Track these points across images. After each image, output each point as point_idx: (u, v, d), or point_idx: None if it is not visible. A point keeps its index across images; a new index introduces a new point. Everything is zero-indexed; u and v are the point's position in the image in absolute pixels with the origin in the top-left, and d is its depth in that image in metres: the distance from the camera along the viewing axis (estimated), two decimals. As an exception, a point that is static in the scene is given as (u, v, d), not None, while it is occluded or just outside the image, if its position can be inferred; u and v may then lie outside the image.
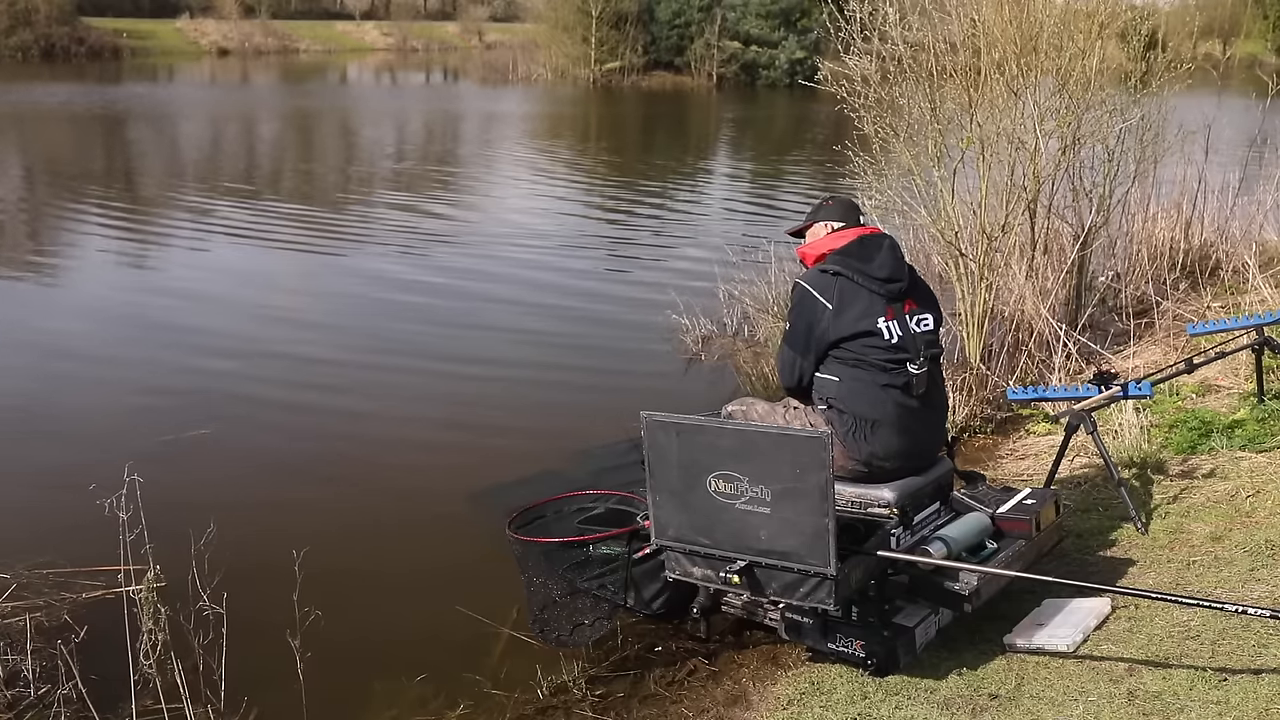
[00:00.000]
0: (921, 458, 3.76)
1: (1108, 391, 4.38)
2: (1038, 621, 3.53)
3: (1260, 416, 4.93)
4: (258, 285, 9.58)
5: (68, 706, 3.44)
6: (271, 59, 51.94)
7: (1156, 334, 7.06)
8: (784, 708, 3.38)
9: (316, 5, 65.25)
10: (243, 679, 3.60)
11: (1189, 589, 3.60)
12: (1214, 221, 8.84)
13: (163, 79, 39.99)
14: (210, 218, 12.69)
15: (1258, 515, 4.05)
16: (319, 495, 5.31)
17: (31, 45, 46.27)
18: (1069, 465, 4.78)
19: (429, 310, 8.71)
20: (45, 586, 4.21)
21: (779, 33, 41.43)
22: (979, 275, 6.46)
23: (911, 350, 3.65)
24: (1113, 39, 7.49)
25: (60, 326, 8.29)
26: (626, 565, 3.73)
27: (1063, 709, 3.05)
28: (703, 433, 3.28)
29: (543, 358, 7.51)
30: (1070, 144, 6.98)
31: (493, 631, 4.01)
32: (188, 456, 5.65)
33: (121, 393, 6.70)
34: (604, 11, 40.72)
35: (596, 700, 3.60)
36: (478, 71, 45.52)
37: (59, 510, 4.93)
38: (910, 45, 6.60)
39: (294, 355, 7.46)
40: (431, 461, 5.75)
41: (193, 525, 3.95)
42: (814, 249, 3.85)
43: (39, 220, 13.06)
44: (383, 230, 12.21)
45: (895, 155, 6.84)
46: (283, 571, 3.77)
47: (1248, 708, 2.81)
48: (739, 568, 3.24)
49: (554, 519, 4.09)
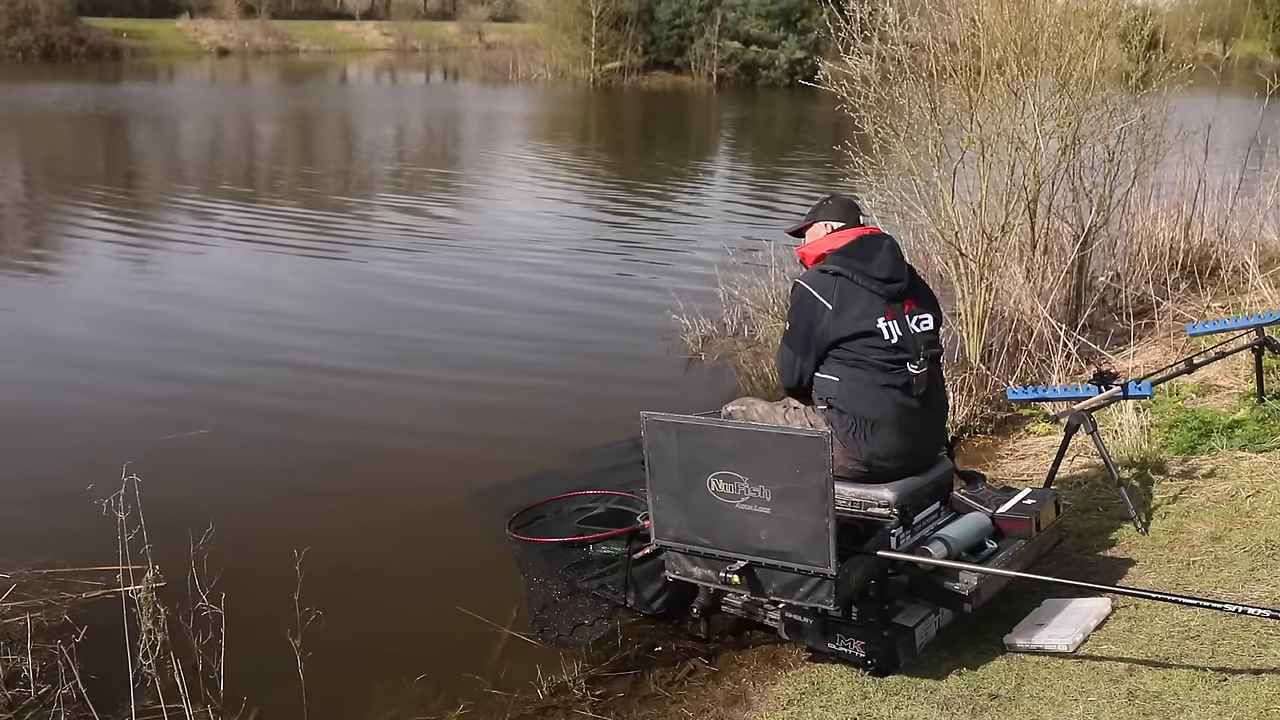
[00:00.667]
0: (921, 458, 3.76)
1: (1108, 391, 4.38)
2: (1038, 621, 3.53)
3: (1260, 416, 4.93)
4: (257, 286, 9.58)
5: (67, 706, 3.44)
6: (271, 59, 51.95)
7: (1156, 334, 7.06)
8: (784, 708, 3.38)
9: (316, 5, 65.26)
10: (242, 679, 3.60)
11: (1189, 589, 3.59)
12: (1214, 221, 8.84)
13: (162, 79, 40.01)
14: (210, 219, 12.69)
15: (1258, 515, 4.05)
16: (319, 495, 5.31)
17: (31, 45, 46.28)
18: (1069, 465, 4.78)
19: (429, 311, 8.71)
20: (45, 586, 4.21)
21: (779, 33, 41.44)
22: (979, 275, 6.46)
23: (911, 350, 3.65)
24: (1113, 39, 7.49)
25: (59, 327, 8.30)
26: (626, 565, 3.73)
27: (1063, 709, 3.05)
28: (703, 433, 3.28)
29: (542, 358, 7.50)
30: (1070, 144, 6.98)
31: (493, 631, 4.01)
32: (187, 456, 5.65)
33: (121, 393, 6.70)
34: (604, 11, 40.73)
35: (596, 700, 3.60)
36: (478, 71, 45.53)
37: (59, 510, 4.93)
38: (910, 45, 6.60)
39: (293, 356, 7.46)
40: (431, 461, 5.74)
41: (192, 525, 3.96)
42: (814, 249, 3.85)
43: (38, 221, 13.06)
44: (382, 231, 12.21)
45: (895, 155, 6.84)
46: (282, 571, 3.77)
47: (1248, 708, 2.81)
48: (739, 568, 3.24)
49: (554, 519, 4.09)
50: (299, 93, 35.17)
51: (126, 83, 36.12)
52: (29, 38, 46.33)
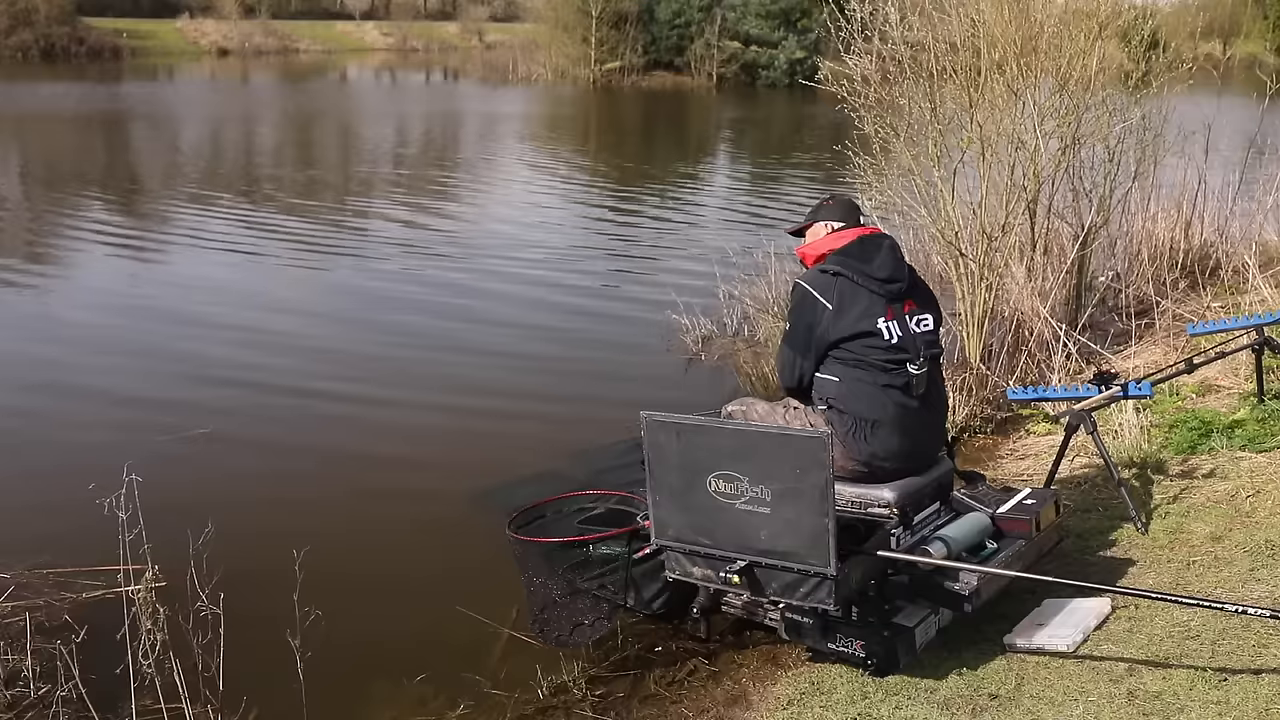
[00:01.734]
0: (921, 458, 3.75)
1: (1108, 391, 4.38)
2: (1038, 621, 3.53)
3: (1260, 416, 4.93)
4: (257, 287, 9.58)
5: (67, 706, 3.44)
6: (271, 59, 51.93)
7: (1156, 334, 7.06)
8: (784, 708, 3.38)
9: (316, 5, 65.20)
10: (242, 679, 3.59)
11: (1189, 589, 3.59)
12: (1214, 221, 8.83)
13: (163, 79, 39.98)
14: (210, 219, 12.68)
15: (1258, 515, 4.05)
16: (319, 495, 5.31)
17: (31, 45, 46.25)
18: (1069, 465, 4.78)
19: (429, 311, 8.71)
20: (45, 586, 4.21)
21: (779, 33, 41.42)
22: (979, 275, 6.46)
23: (911, 350, 3.65)
24: (1113, 39, 7.49)
25: (59, 326, 8.30)
26: (626, 565, 3.73)
27: (1063, 709, 3.05)
28: (703, 433, 3.28)
29: (542, 358, 7.51)
30: (1070, 144, 6.98)
31: (493, 631, 4.01)
32: (187, 457, 5.65)
33: (120, 393, 6.69)
34: (604, 11, 40.70)
35: (596, 700, 3.60)
36: (478, 71, 45.50)
37: (58, 510, 4.93)
38: (910, 45, 6.60)
39: (293, 356, 7.46)
40: (431, 462, 5.75)
41: (192, 525, 3.95)
42: (814, 249, 3.85)
43: (37, 222, 13.05)
44: (383, 232, 12.21)
45: (895, 155, 6.84)
46: (282, 571, 3.76)
47: (1248, 708, 2.81)
48: (739, 568, 3.25)
49: (554, 519, 4.09)
50: (298, 93, 35.15)
51: (126, 83, 36.12)
52: (29, 38, 46.29)
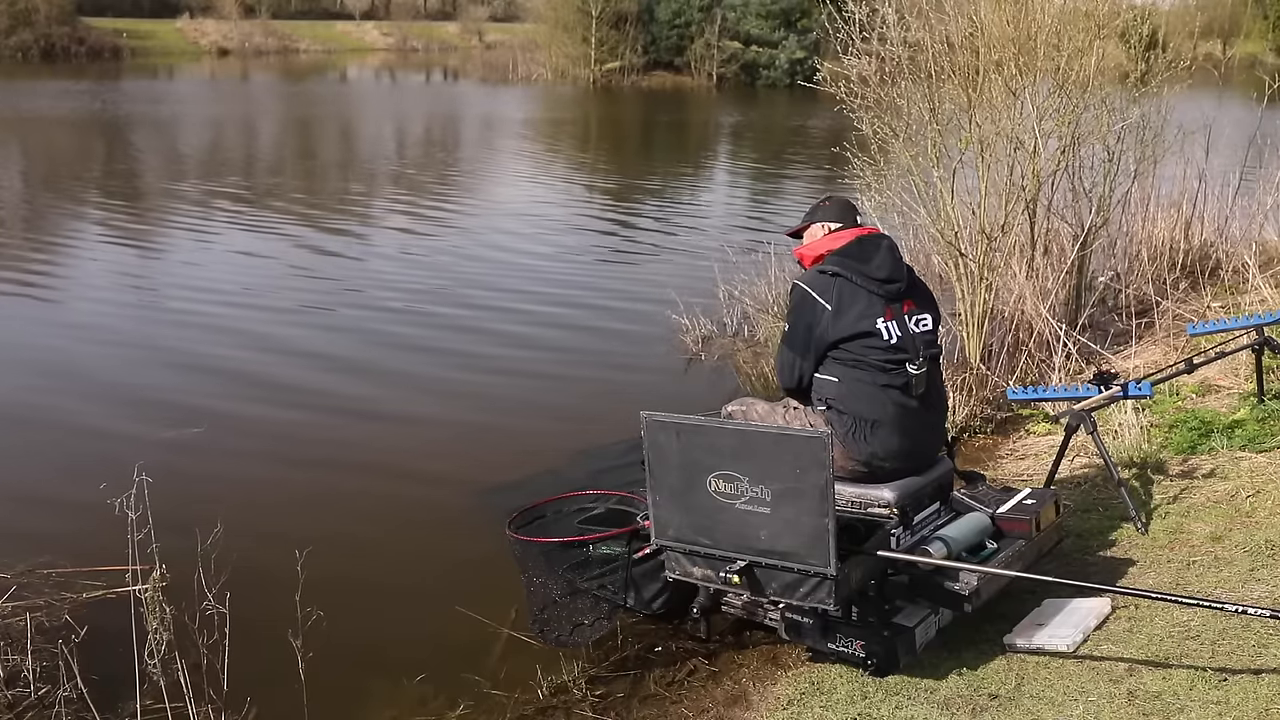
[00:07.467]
0: (921, 458, 3.76)
1: (1108, 391, 4.38)
2: (1038, 621, 3.53)
3: (1260, 416, 4.93)
4: (261, 287, 9.57)
5: (69, 707, 3.44)
6: (271, 59, 51.94)
7: (1156, 334, 7.06)
8: (784, 708, 3.38)
9: (316, 5, 65.22)
10: (245, 679, 3.60)
11: (1189, 589, 3.60)
12: (1214, 221, 8.83)
13: (163, 79, 39.98)
14: (211, 219, 12.70)
15: (1258, 515, 4.05)
16: (321, 496, 5.31)
17: (31, 45, 46.29)
18: (1069, 465, 4.78)
19: (429, 311, 8.71)
20: (46, 586, 4.21)
21: (779, 33, 41.46)
22: (979, 275, 6.46)
23: (911, 350, 3.65)
24: (1112, 39, 7.49)
25: (65, 327, 8.30)
26: (626, 565, 3.73)
27: (1063, 709, 3.05)
28: (703, 433, 3.28)
29: (542, 358, 7.50)
30: (1069, 144, 6.99)
31: (493, 631, 4.01)
32: (191, 457, 5.65)
33: (124, 393, 6.70)
34: (604, 11, 40.74)
35: (596, 700, 3.60)
36: (477, 71, 45.52)
37: (58, 510, 4.95)
38: (909, 45, 6.60)
39: (298, 357, 7.46)
40: (432, 462, 5.75)
41: (196, 525, 3.95)
42: (812, 250, 3.86)
43: (38, 222, 13.06)
44: (383, 232, 12.22)
45: (895, 156, 6.85)
46: (285, 572, 3.76)
47: (1248, 708, 2.81)
48: (739, 568, 3.25)
49: (554, 519, 4.09)
50: (298, 93, 35.15)
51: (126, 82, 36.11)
52: (29, 38, 46.34)
